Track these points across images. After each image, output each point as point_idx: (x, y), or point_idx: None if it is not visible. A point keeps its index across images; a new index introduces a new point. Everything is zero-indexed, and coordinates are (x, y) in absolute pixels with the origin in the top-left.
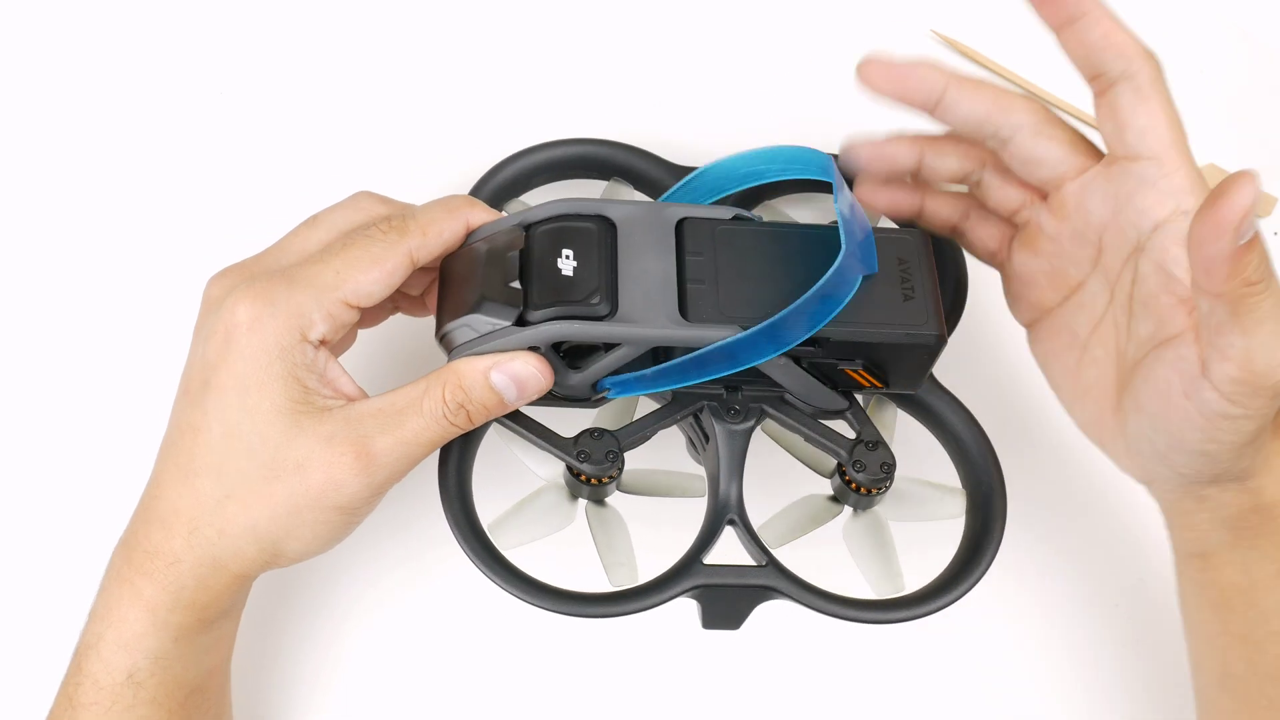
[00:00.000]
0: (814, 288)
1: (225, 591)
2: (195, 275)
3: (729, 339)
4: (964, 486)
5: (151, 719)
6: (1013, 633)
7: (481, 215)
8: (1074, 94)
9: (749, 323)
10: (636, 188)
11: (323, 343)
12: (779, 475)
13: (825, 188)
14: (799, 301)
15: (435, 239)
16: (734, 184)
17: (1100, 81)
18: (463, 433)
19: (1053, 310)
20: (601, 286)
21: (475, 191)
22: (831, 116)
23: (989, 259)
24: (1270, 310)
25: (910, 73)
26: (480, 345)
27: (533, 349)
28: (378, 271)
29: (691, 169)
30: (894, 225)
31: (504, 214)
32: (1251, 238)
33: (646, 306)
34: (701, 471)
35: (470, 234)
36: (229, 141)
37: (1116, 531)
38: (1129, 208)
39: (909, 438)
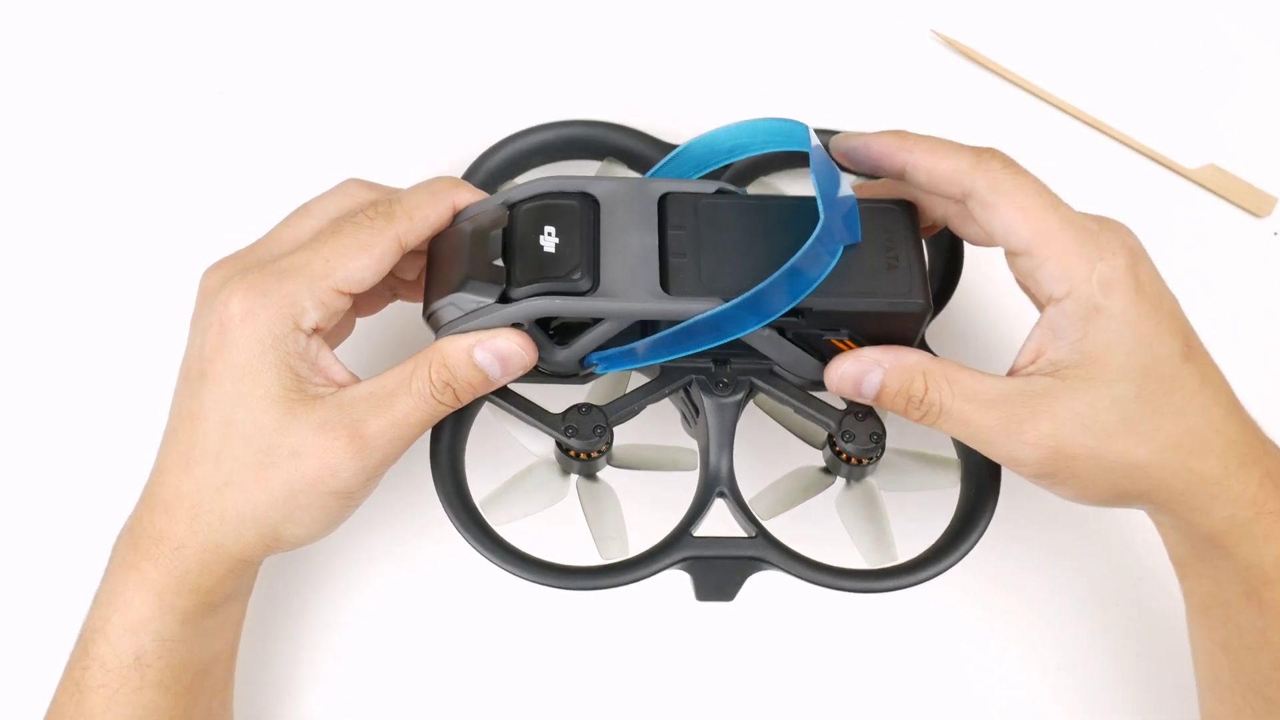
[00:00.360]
0: (794, 258)
1: (229, 575)
2: (196, 273)
3: (711, 311)
4: (958, 456)
5: (158, 701)
6: (1011, 628)
7: (467, 196)
8: (1073, 95)
9: (730, 294)
10: (631, 167)
11: (315, 331)
12: (771, 449)
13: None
14: (779, 272)
15: (422, 222)
16: (719, 158)
17: (953, 204)
18: (452, 411)
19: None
20: (583, 262)
21: (468, 176)
22: (831, 114)
23: None
24: (961, 419)
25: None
26: (465, 323)
27: (516, 325)
28: (366, 258)
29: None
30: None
31: (487, 196)
32: (876, 394)
33: (628, 280)
34: (693, 445)
35: (457, 214)
36: (229, 141)
37: (1118, 528)
38: (1028, 289)
39: None
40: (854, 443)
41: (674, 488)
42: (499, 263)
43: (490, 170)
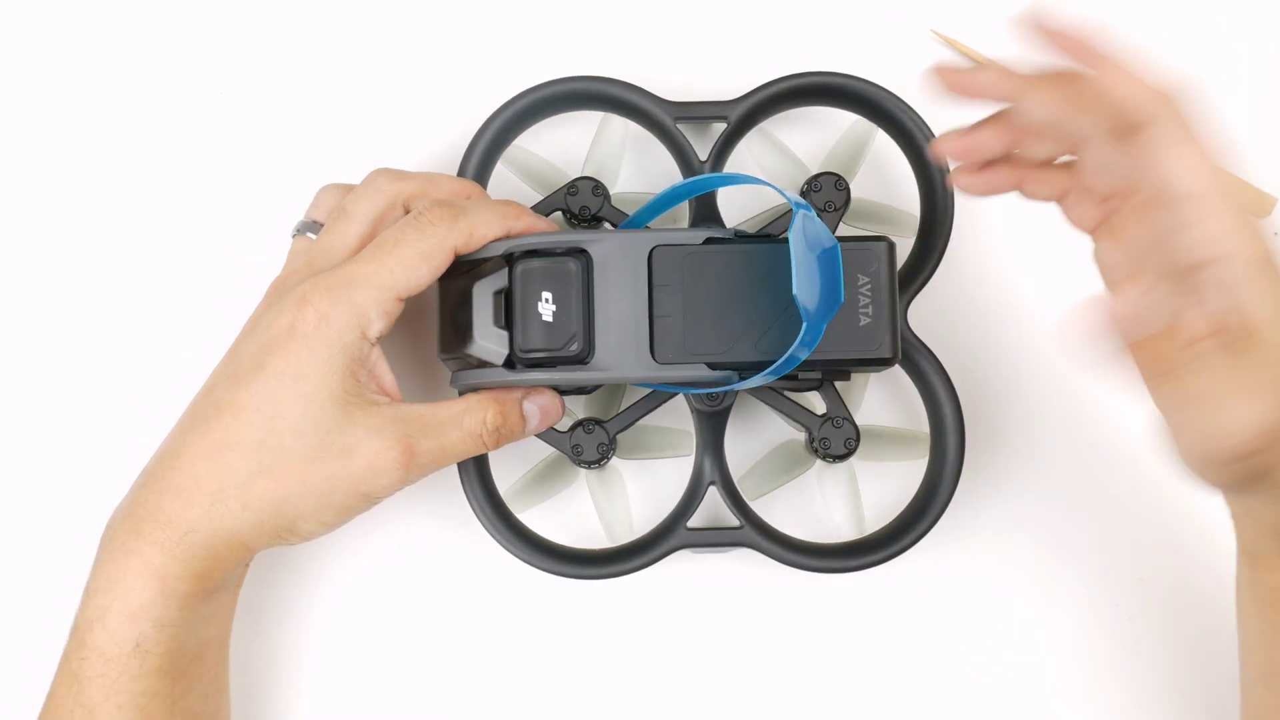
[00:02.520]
0: (773, 365)
1: (231, 564)
2: (196, 274)
3: (699, 387)
4: (930, 429)
5: (157, 688)
6: (1014, 620)
7: (523, 228)
8: None
9: (713, 356)
10: (631, 119)
11: (378, 339)
12: (760, 420)
13: (825, 101)
14: (765, 372)
15: (479, 242)
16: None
17: (1123, 127)
18: (484, 453)
19: None
20: (579, 332)
21: (476, 140)
22: (830, 114)
23: (1087, 232)
24: (1203, 387)
25: (977, 81)
26: (475, 379)
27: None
28: (427, 268)
29: (680, 103)
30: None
31: (550, 222)
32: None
33: (620, 348)
34: (690, 427)
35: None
36: (229, 141)
37: (1120, 529)
38: (1170, 245)
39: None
40: (830, 449)
41: (669, 475)
42: (501, 330)
43: (498, 129)
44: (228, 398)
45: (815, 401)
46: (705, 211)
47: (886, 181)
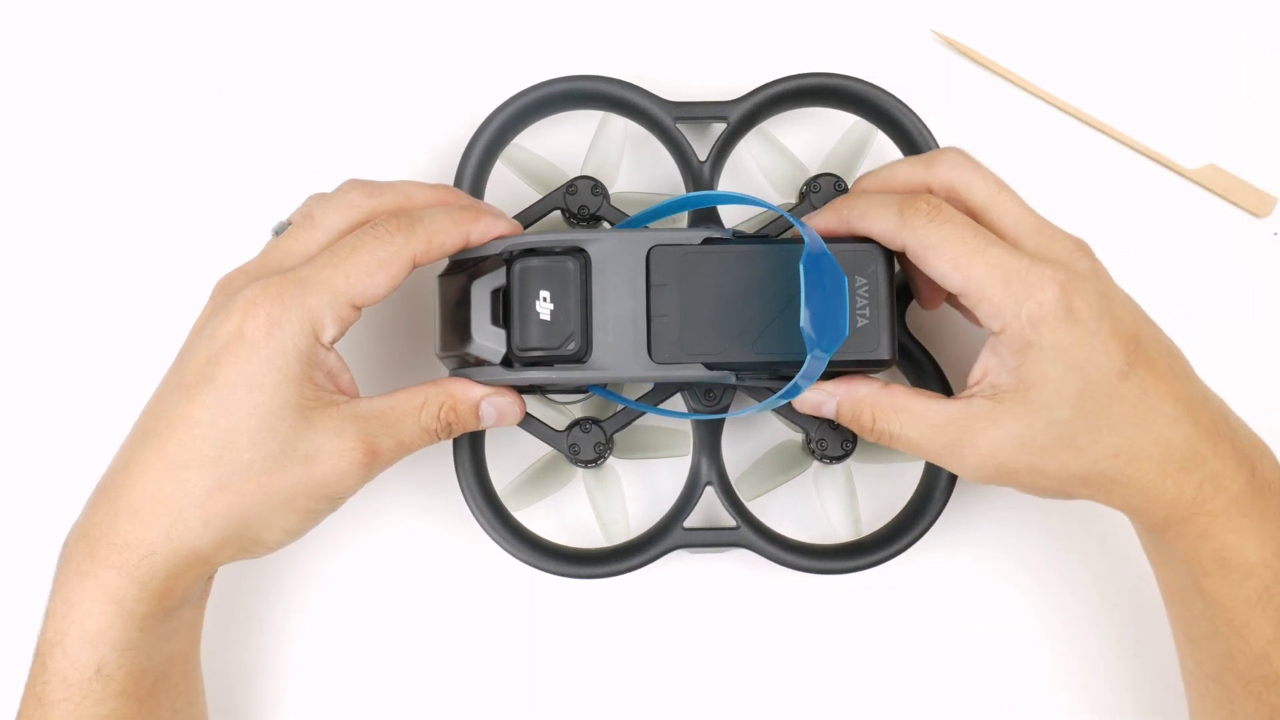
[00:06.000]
0: (774, 396)
1: (192, 582)
2: (195, 275)
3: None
4: None
5: (122, 710)
6: (1012, 620)
7: (482, 230)
8: (1073, 95)
9: (711, 358)
10: (631, 118)
11: (332, 343)
12: (759, 416)
13: (824, 102)
14: (767, 401)
15: (438, 249)
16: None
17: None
18: (438, 442)
19: None
20: (576, 331)
21: (475, 139)
22: (830, 115)
23: None
24: (910, 444)
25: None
26: (471, 374)
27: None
28: (383, 275)
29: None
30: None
31: (514, 223)
32: (835, 417)
33: (617, 348)
34: (687, 428)
35: (465, 250)
36: (229, 141)
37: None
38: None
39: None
40: (827, 450)
41: (668, 474)
42: (499, 329)
43: (494, 131)
44: (178, 410)
45: None
46: (704, 211)
47: None
